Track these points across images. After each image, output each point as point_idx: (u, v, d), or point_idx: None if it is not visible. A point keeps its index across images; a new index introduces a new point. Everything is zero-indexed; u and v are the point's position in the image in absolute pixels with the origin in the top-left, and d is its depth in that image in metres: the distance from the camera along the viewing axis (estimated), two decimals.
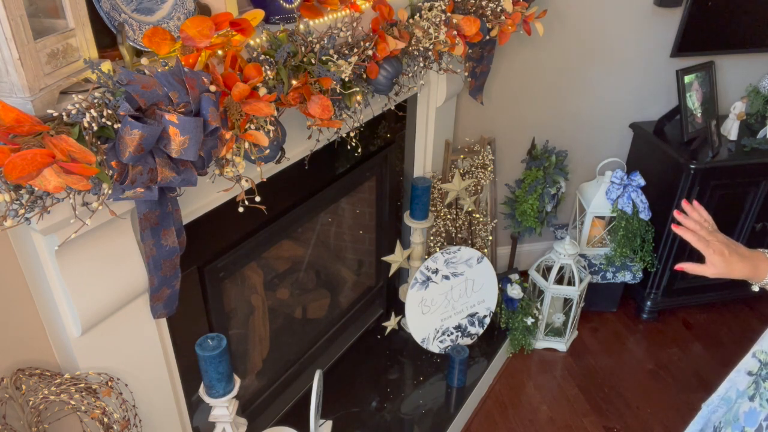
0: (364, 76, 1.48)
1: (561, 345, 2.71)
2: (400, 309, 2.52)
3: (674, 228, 1.15)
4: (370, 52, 1.45)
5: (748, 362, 1.19)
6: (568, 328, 2.69)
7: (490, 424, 2.35)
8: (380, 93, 1.58)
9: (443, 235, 2.51)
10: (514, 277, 2.64)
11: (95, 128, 0.87)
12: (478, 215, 2.61)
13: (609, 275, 2.71)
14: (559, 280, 2.63)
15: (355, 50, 1.40)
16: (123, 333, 1.27)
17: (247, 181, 1.20)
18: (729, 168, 2.52)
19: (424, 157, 2.37)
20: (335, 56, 1.34)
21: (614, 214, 2.64)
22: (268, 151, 1.22)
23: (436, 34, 1.64)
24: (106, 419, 1.16)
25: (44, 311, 1.18)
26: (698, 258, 2.96)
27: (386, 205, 2.31)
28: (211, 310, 1.61)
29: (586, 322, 2.87)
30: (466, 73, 2.20)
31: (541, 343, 2.71)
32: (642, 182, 2.60)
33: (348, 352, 2.41)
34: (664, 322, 2.90)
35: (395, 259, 2.33)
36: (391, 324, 2.49)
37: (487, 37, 1.92)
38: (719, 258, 1.11)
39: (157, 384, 1.40)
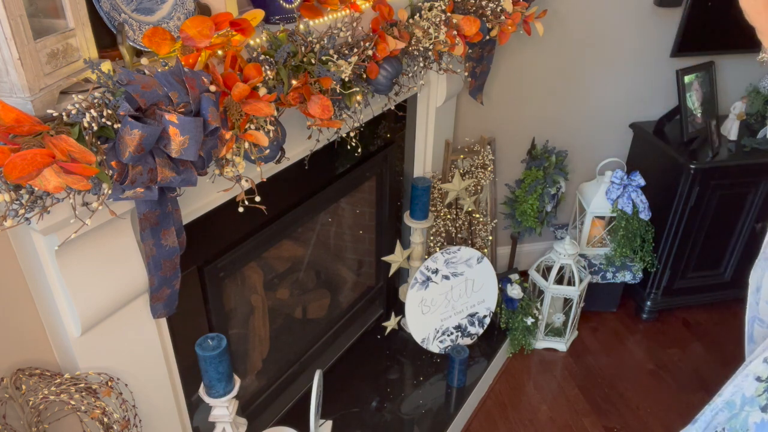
0: (364, 76, 1.48)
1: (561, 345, 2.71)
2: (400, 309, 2.52)
3: None
4: (370, 52, 1.45)
5: (758, 367, 1.14)
6: (568, 328, 2.69)
7: (490, 424, 2.36)
8: (380, 93, 1.58)
9: (443, 235, 2.51)
10: (514, 277, 2.64)
11: (95, 128, 0.87)
12: (478, 215, 2.61)
13: (609, 275, 2.71)
14: (559, 280, 2.63)
15: (355, 50, 1.40)
16: (123, 333, 1.27)
17: (247, 181, 1.20)
18: (729, 168, 2.52)
19: (424, 157, 2.37)
20: (335, 56, 1.34)
21: (614, 214, 2.65)
22: (268, 151, 1.22)
23: (436, 34, 1.64)
24: (106, 419, 1.16)
25: (44, 311, 1.18)
26: (698, 257, 2.95)
27: (386, 205, 2.31)
28: (211, 310, 1.61)
29: (586, 322, 2.87)
30: (466, 73, 2.20)
31: (541, 343, 2.71)
32: (642, 182, 2.60)
33: (348, 352, 2.41)
34: (664, 322, 2.90)
35: (395, 259, 2.33)
36: (391, 324, 2.49)
37: (487, 37, 1.92)
38: None
39: (157, 384, 1.40)
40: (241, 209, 1.23)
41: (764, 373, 1.11)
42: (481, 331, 2.48)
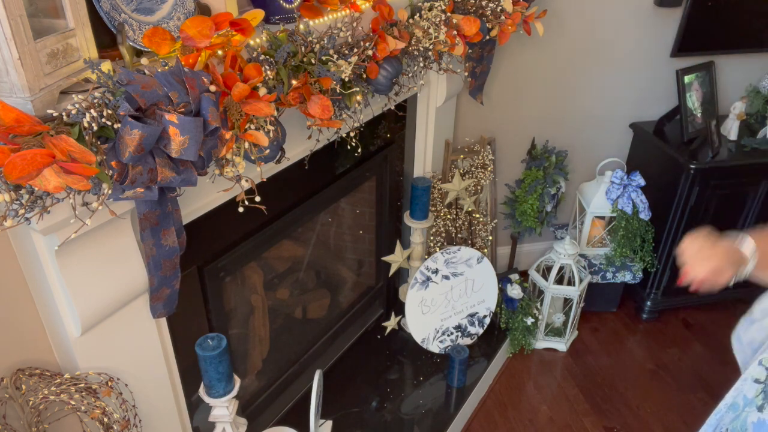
0: (364, 76, 1.48)
1: (561, 345, 2.71)
2: (400, 309, 2.52)
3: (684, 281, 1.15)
4: (370, 52, 1.45)
5: (754, 370, 1.18)
6: (568, 328, 2.69)
7: (490, 424, 2.36)
8: (380, 93, 1.58)
9: (443, 235, 2.51)
10: (514, 277, 2.64)
11: (95, 128, 0.87)
12: (478, 215, 2.61)
13: (609, 275, 2.71)
14: (559, 280, 2.63)
15: (355, 50, 1.40)
16: (123, 333, 1.27)
17: (247, 181, 1.20)
18: (729, 168, 2.52)
19: (424, 157, 2.37)
20: (335, 56, 1.34)
21: (614, 214, 2.65)
22: (268, 151, 1.22)
23: (436, 34, 1.64)
24: (106, 419, 1.16)
25: (44, 311, 1.18)
26: None
27: (386, 205, 2.31)
28: (211, 310, 1.61)
29: (586, 322, 2.87)
30: (466, 73, 2.20)
31: (541, 343, 2.71)
32: (642, 182, 2.60)
33: (348, 352, 2.41)
34: (664, 322, 2.90)
35: (395, 259, 2.33)
36: (391, 324, 2.49)
37: (487, 37, 1.92)
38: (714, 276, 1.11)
39: (157, 384, 1.40)
40: (241, 209, 1.23)
41: (761, 375, 1.14)
42: (481, 331, 2.48)
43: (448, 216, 2.49)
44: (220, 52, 1.08)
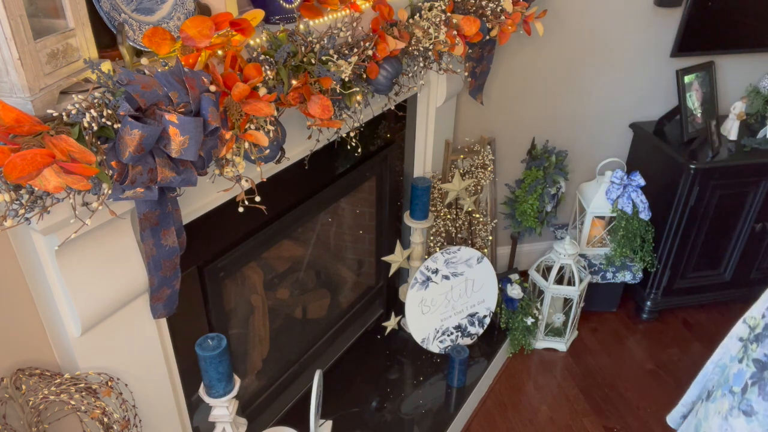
0: (364, 76, 1.48)
1: (561, 345, 2.71)
2: (400, 309, 2.52)
3: None
4: (370, 52, 1.45)
5: (738, 328, 1.24)
6: (568, 328, 2.69)
7: (490, 424, 2.36)
8: (380, 93, 1.58)
9: (443, 235, 2.51)
10: (514, 277, 2.64)
11: (95, 128, 0.87)
12: (478, 215, 2.61)
13: (609, 275, 2.71)
14: (559, 280, 2.63)
15: (355, 50, 1.40)
16: (123, 333, 1.27)
17: (247, 181, 1.20)
18: (729, 168, 2.52)
19: (424, 157, 2.37)
20: (335, 56, 1.34)
21: (614, 214, 2.65)
22: (268, 151, 1.22)
23: (436, 34, 1.64)
24: (106, 419, 1.16)
25: (44, 311, 1.18)
26: (698, 256, 2.94)
27: (386, 205, 2.31)
28: (211, 310, 1.61)
29: (586, 322, 2.87)
30: (466, 73, 2.20)
31: (541, 343, 2.71)
32: (642, 182, 2.60)
33: (348, 352, 2.41)
34: (664, 322, 2.90)
35: (395, 259, 2.33)
36: (391, 324, 2.49)
37: (487, 37, 1.92)
38: None
39: (157, 384, 1.40)
40: (241, 209, 1.23)
41: (744, 332, 1.21)
42: (481, 331, 2.48)
43: (448, 216, 2.49)
44: (220, 52, 1.08)
